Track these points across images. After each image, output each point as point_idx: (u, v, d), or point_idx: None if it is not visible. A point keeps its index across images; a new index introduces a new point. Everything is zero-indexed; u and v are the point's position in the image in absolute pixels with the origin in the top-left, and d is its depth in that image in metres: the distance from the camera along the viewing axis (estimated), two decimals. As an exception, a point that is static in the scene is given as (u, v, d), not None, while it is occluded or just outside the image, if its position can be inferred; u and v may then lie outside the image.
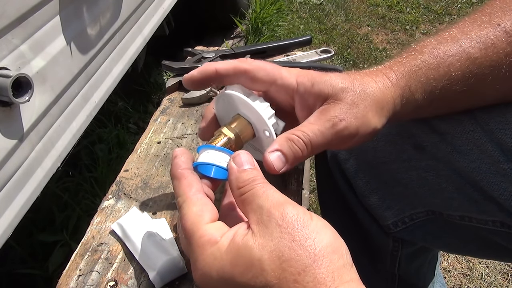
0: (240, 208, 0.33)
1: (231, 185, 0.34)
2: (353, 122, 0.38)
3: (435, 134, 0.47)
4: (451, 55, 0.40)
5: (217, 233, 0.31)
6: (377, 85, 0.40)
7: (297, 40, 0.84)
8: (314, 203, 1.36)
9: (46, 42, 0.61)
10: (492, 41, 0.39)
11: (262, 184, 0.32)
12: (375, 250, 0.60)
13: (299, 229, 0.28)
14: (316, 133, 0.38)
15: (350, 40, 2.46)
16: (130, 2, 0.87)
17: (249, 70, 0.40)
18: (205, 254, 0.30)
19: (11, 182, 0.54)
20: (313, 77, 0.40)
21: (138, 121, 1.63)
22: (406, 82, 0.40)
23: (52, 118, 0.62)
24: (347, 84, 0.39)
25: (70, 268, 0.46)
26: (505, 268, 1.19)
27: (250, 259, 0.28)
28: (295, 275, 0.26)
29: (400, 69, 0.41)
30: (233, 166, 0.34)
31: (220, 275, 0.29)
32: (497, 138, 0.42)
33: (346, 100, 0.38)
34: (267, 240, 0.28)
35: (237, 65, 0.40)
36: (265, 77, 0.40)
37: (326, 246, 0.28)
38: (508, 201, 0.42)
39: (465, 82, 0.40)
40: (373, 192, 0.53)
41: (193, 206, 0.33)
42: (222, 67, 0.40)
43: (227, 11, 2.03)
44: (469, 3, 2.86)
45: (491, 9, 0.41)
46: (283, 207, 0.30)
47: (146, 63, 1.72)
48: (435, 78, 0.40)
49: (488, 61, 0.40)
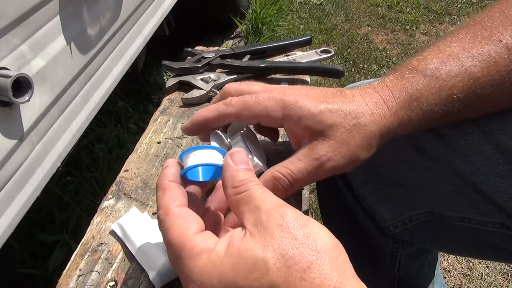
0: (232, 208, 0.32)
1: (225, 182, 0.33)
2: (341, 161, 0.38)
3: (435, 135, 0.47)
4: (454, 76, 0.39)
5: (209, 241, 0.30)
6: (373, 117, 0.38)
7: (297, 40, 0.84)
8: (314, 203, 1.37)
9: (46, 42, 0.61)
10: (494, 59, 0.39)
11: (259, 186, 0.32)
12: (375, 251, 0.60)
13: (299, 228, 0.28)
14: (302, 172, 0.38)
15: (350, 40, 2.46)
16: (130, 2, 0.87)
17: (233, 114, 0.41)
18: (201, 264, 0.28)
19: (11, 182, 0.54)
20: (301, 110, 0.39)
21: (138, 121, 1.63)
22: (406, 111, 0.39)
23: (52, 118, 0.62)
24: (338, 120, 0.38)
25: (70, 268, 0.46)
26: (505, 268, 1.19)
27: (254, 260, 0.27)
28: (301, 273, 0.26)
29: (402, 96, 0.39)
30: (230, 163, 0.33)
31: (222, 281, 0.27)
32: (496, 140, 0.42)
33: (335, 138, 0.38)
34: (268, 240, 0.28)
35: (221, 111, 0.42)
36: (250, 116, 0.41)
37: (326, 244, 0.28)
38: (508, 203, 0.42)
39: (467, 102, 0.40)
40: (373, 194, 0.53)
41: (177, 218, 0.31)
42: (209, 116, 0.42)
43: (227, 11, 2.03)
44: (469, 3, 2.86)
45: (491, 22, 0.40)
46: (282, 208, 0.29)
47: (146, 63, 1.72)
48: (437, 102, 0.39)
49: (490, 80, 0.39)
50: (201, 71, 0.75)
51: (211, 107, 0.42)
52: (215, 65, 0.77)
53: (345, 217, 0.59)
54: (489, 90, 0.39)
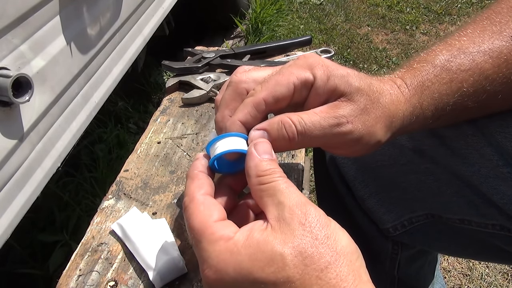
0: (255, 198, 0.32)
1: (249, 172, 0.32)
2: (360, 128, 0.36)
3: (434, 137, 0.46)
4: (464, 70, 0.38)
5: (229, 230, 0.30)
6: (391, 97, 0.38)
7: (297, 40, 0.84)
8: (314, 203, 1.36)
9: (46, 42, 0.61)
10: (506, 56, 0.38)
11: (284, 179, 0.31)
12: (375, 252, 0.60)
13: (321, 229, 0.28)
14: (315, 125, 0.35)
15: (350, 40, 2.46)
16: (130, 2, 0.87)
17: (266, 96, 0.36)
18: (219, 250, 0.29)
19: (11, 182, 0.54)
20: (329, 69, 0.36)
21: (138, 121, 1.63)
22: (419, 99, 0.38)
23: (52, 118, 0.62)
24: (364, 86, 0.36)
25: (70, 268, 0.46)
26: (505, 268, 1.19)
27: (272, 254, 0.27)
28: (318, 272, 0.26)
29: (414, 83, 0.39)
30: (253, 152, 0.33)
31: (237, 271, 0.28)
32: (496, 141, 0.42)
33: (359, 103, 0.36)
34: (289, 237, 0.28)
35: (253, 101, 0.36)
36: (285, 91, 0.36)
37: (345, 246, 0.28)
38: (508, 205, 0.42)
39: (477, 98, 0.39)
40: (372, 196, 0.53)
41: (200, 205, 0.32)
42: (244, 115, 0.37)
43: (227, 11, 2.03)
44: (469, 3, 2.86)
45: (500, 18, 0.40)
46: (306, 207, 0.30)
47: (146, 63, 1.72)
48: (448, 93, 0.39)
49: (501, 77, 0.38)
50: (201, 71, 0.75)
51: (239, 108, 0.37)
52: (215, 65, 0.77)
53: (345, 219, 0.59)
54: (499, 87, 0.39)
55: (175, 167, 0.58)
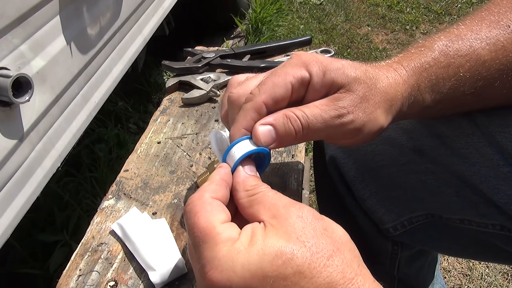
0: (246, 210, 0.33)
1: (237, 186, 0.34)
2: (361, 116, 0.37)
3: (434, 137, 0.46)
4: (461, 56, 0.39)
5: (234, 231, 0.30)
6: (388, 80, 0.38)
7: (297, 40, 0.84)
8: (314, 203, 1.36)
9: (46, 42, 0.61)
10: (502, 43, 0.39)
11: (269, 189, 0.33)
12: (374, 252, 0.60)
13: (317, 222, 0.30)
14: (317, 118, 0.36)
15: (350, 40, 2.46)
16: (130, 2, 0.87)
17: (266, 99, 0.37)
18: (226, 250, 0.29)
19: (11, 182, 0.54)
20: (323, 64, 0.37)
21: (138, 121, 1.63)
22: (416, 80, 0.39)
23: (52, 118, 0.62)
24: (361, 75, 0.37)
25: (70, 268, 0.46)
26: (505, 268, 1.19)
27: (279, 247, 0.28)
28: (325, 259, 0.27)
29: (411, 65, 0.39)
30: (240, 169, 0.35)
31: (246, 268, 0.28)
32: (496, 141, 0.42)
33: (357, 93, 0.37)
34: (290, 230, 0.29)
35: (253, 107, 0.37)
36: (282, 91, 0.37)
37: (342, 235, 0.30)
38: (508, 205, 0.42)
39: (474, 84, 0.40)
40: (372, 196, 0.53)
41: (208, 205, 0.32)
42: (245, 122, 0.37)
43: (227, 11, 2.03)
44: (469, 3, 2.86)
45: (498, 9, 0.41)
46: (298, 204, 0.31)
47: (146, 63, 1.72)
48: (444, 77, 0.39)
49: (497, 64, 0.39)
50: (201, 71, 0.76)
51: (240, 114, 0.37)
52: (215, 65, 0.77)
53: (344, 219, 0.59)
54: (496, 74, 0.39)
55: (175, 167, 0.58)
